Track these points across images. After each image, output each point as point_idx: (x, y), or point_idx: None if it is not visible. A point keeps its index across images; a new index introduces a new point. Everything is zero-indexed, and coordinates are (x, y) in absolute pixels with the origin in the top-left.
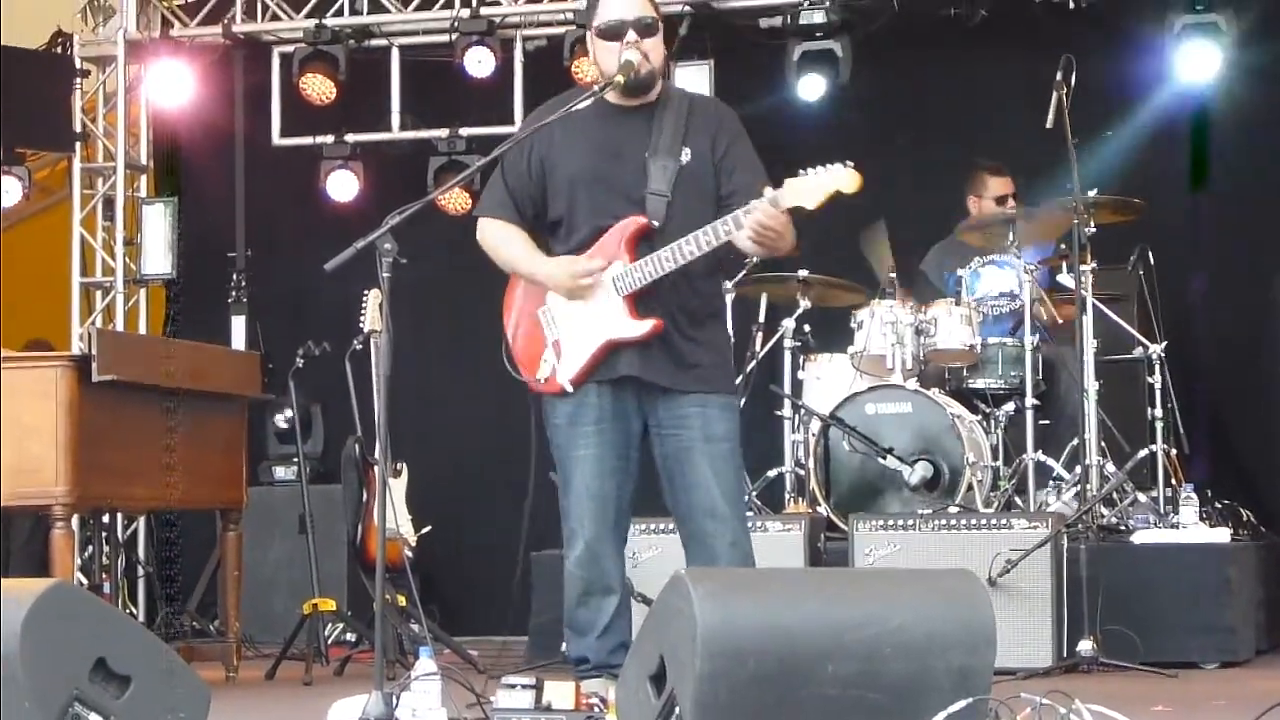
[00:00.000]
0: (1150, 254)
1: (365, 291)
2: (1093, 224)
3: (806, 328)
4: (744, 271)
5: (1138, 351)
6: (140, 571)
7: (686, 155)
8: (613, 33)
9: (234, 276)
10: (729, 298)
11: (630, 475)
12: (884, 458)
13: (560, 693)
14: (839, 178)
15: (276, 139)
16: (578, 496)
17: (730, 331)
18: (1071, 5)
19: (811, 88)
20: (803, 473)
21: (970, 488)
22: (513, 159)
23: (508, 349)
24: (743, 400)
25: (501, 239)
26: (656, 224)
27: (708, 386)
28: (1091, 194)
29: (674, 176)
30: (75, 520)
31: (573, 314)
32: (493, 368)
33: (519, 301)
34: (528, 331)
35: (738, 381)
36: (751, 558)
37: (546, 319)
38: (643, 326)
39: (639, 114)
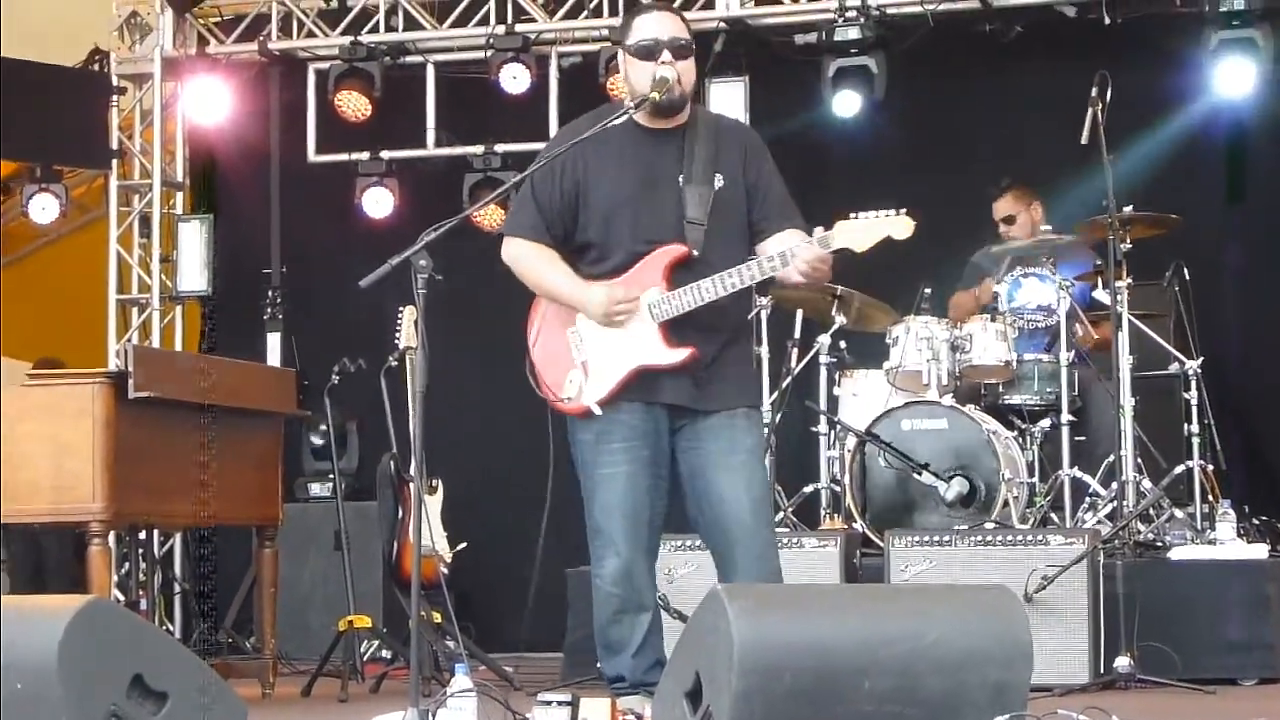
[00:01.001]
0: (1185, 270)
1: (400, 308)
2: (1128, 240)
3: (842, 344)
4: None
5: (1174, 367)
6: (176, 588)
7: (720, 181)
8: (647, 51)
9: (269, 293)
10: (764, 312)
11: (662, 494)
12: (920, 474)
13: (596, 709)
14: (893, 224)
15: (312, 156)
16: (608, 514)
17: (766, 348)
18: (1107, 21)
19: (847, 104)
20: (838, 489)
21: (1006, 504)
22: (544, 178)
23: (531, 366)
24: (779, 416)
25: (535, 260)
26: (696, 253)
27: (734, 402)
28: (1127, 210)
29: (710, 204)
30: (111, 537)
31: (603, 337)
32: (529, 384)
33: (544, 320)
34: (554, 350)
35: (773, 398)
36: (779, 572)
37: (575, 339)
38: (677, 355)
39: (671, 137)
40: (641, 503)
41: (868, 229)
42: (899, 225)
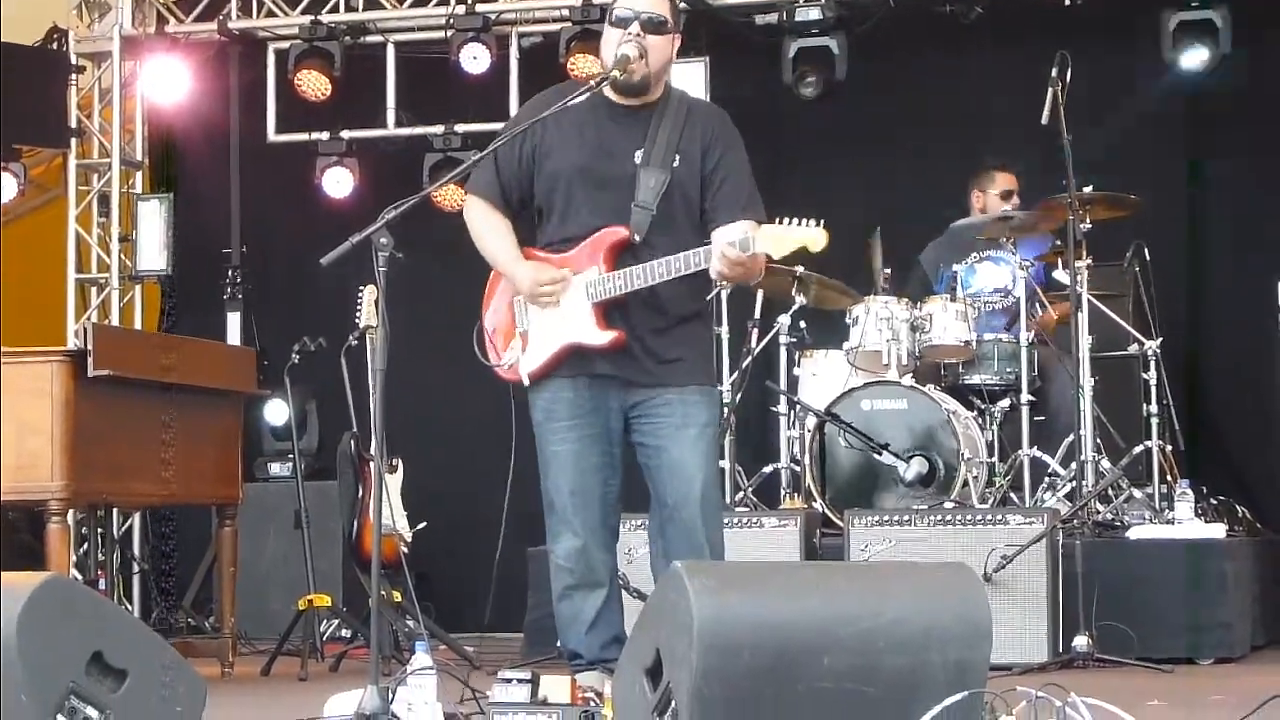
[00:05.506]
0: (1145, 250)
1: (361, 287)
2: (1088, 220)
3: (802, 324)
4: None
5: (1133, 348)
6: (135, 568)
7: (677, 162)
8: (620, 22)
9: (229, 272)
10: (724, 292)
11: (615, 470)
12: (880, 453)
13: (556, 687)
14: (808, 236)
15: (272, 135)
16: (559, 492)
17: (726, 328)
18: (1066, 1)
19: (807, 85)
20: (798, 469)
21: (965, 483)
22: (506, 144)
23: (479, 330)
24: (738, 396)
25: (485, 227)
26: (638, 238)
27: (686, 379)
28: (1087, 190)
29: (661, 189)
30: (71, 516)
31: (543, 310)
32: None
33: (498, 286)
34: (502, 317)
35: (733, 378)
36: (721, 546)
37: (520, 309)
38: (605, 336)
39: (638, 115)
40: (591, 479)
41: (787, 237)
42: (813, 237)
